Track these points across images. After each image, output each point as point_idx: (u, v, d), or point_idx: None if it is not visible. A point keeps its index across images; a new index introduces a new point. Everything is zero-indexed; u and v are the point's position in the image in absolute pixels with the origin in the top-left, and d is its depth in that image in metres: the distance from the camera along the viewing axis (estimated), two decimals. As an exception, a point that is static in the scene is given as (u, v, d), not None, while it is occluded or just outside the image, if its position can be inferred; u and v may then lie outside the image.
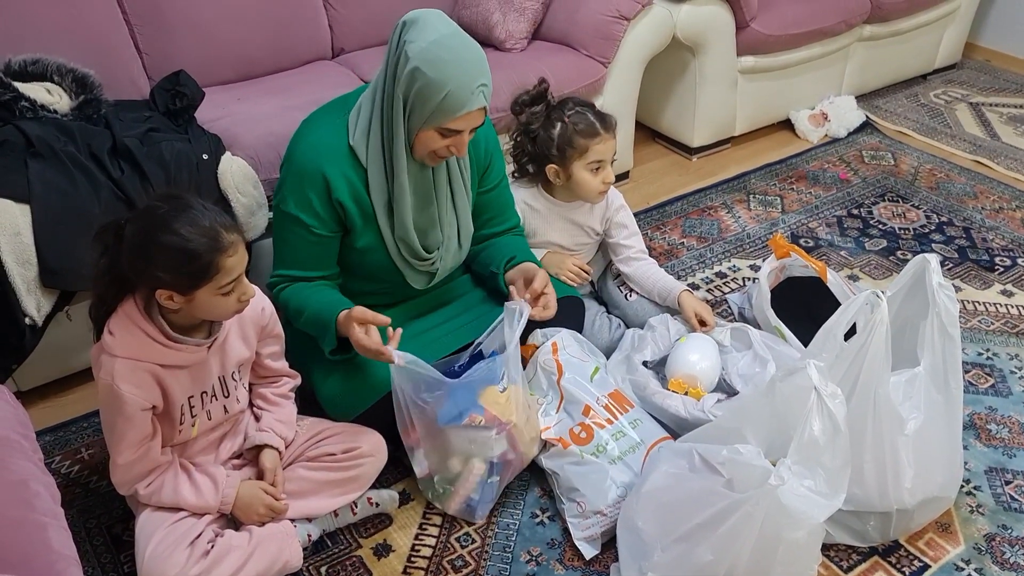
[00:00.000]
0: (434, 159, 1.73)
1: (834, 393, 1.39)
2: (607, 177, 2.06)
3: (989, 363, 2.19)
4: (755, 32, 2.96)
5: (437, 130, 1.65)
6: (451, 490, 1.77)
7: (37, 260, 1.85)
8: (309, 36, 2.67)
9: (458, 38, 1.62)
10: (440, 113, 1.62)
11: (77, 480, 1.89)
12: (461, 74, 1.59)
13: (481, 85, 1.62)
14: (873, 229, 2.76)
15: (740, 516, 1.40)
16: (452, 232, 1.87)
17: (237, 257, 1.44)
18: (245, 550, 1.58)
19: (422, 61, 1.58)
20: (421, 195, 1.79)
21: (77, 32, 2.25)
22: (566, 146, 2.02)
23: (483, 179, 1.93)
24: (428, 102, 1.61)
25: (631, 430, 1.81)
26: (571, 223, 2.17)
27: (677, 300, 2.09)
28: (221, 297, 1.45)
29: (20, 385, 2.05)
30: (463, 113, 1.62)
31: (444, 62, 1.58)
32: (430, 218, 1.83)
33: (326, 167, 1.70)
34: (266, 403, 1.76)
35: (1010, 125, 3.41)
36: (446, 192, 1.83)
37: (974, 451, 1.93)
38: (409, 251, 1.82)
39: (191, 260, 1.39)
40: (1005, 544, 1.73)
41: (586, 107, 2.06)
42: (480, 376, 1.71)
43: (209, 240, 1.40)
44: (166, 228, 1.39)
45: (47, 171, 1.88)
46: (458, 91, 1.59)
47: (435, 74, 1.58)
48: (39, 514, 1.21)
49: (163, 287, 1.41)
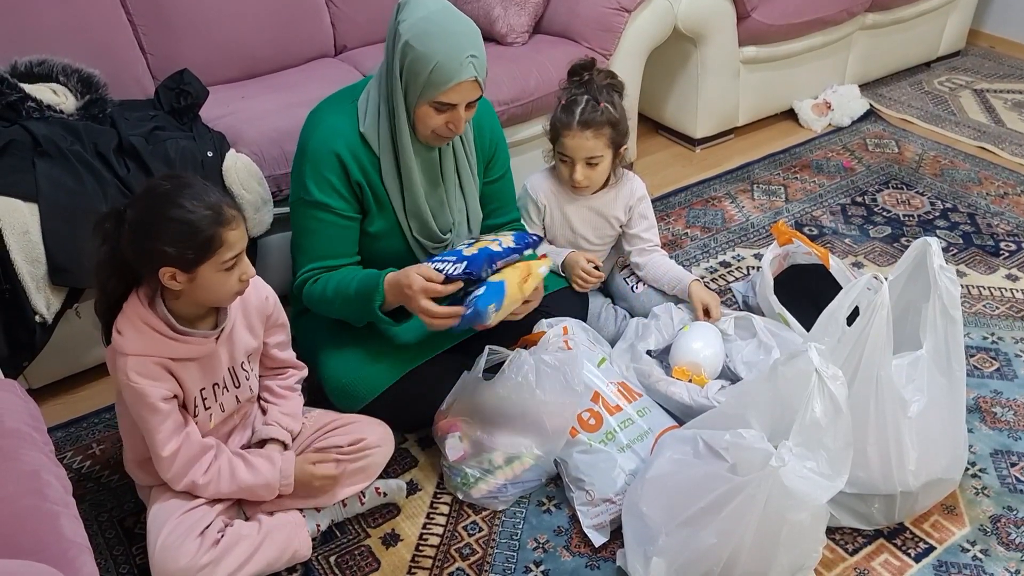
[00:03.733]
0: (437, 139, 1.75)
1: (835, 375, 1.40)
2: (575, 173, 2.02)
3: (994, 347, 2.19)
4: (756, 22, 2.96)
5: (431, 105, 1.68)
6: (481, 478, 1.78)
7: (46, 258, 1.86)
8: (312, 34, 2.69)
9: (447, 12, 1.66)
10: (431, 86, 1.65)
11: (89, 475, 1.91)
12: (449, 46, 1.62)
13: (470, 56, 1.64)
14: (877, 216, 2.76)
15: (743, 499, 1.41)
16: (462, 217, 1.90)
17: (239, 232, 1.46)
18: (255, 540, 1.59)
19: (411, 36, 1.63)
20: (429, 178, 1.82)
21: (82, 33, 2.27)
22: (552, 127, 2.03)
23: (488, 169, 1.95)
24: (419, 76, 1.64)
25: (639, 418, 1.82)
26: (595, 213, 2.15)
27: (687, 289, 2.10)
28: (223, 274, 1.47)
29: (31, 383, 2.07)
30: (453, 84, 1.64)
31: (431, 35, 1.62)
32: (439, 200, 1.85)
33: (341, 151, 1.73)
34: (272, 396, 1.78)
35: (1015, 111, 3.40)
36: (453, 177, 1.86)
37: (979, 434, 1.94)
38: (423, 232, 1.84)
39: (195, 233, 1.41)
40: (1011, 525, 1.73)
41: (599, 92, 1.98)
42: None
43: (213, 213, 1.42)
44: (170, 202, 1.41)
45: (54, 170, 1.90)
46: (447, 62, 1.62)
47: (423, 47, 1.62)
48: (51, 503, 1.23)
49: (167, 264, 1.42)
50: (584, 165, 2.01)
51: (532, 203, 2.13)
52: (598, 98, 1.98)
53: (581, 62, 2.04)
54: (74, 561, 1.17)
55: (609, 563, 1.68)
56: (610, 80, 2.03)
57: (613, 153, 2.04)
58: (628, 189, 2.15)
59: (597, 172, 2.04)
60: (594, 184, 2.08)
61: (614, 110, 1.99)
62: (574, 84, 2.03)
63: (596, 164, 2.02)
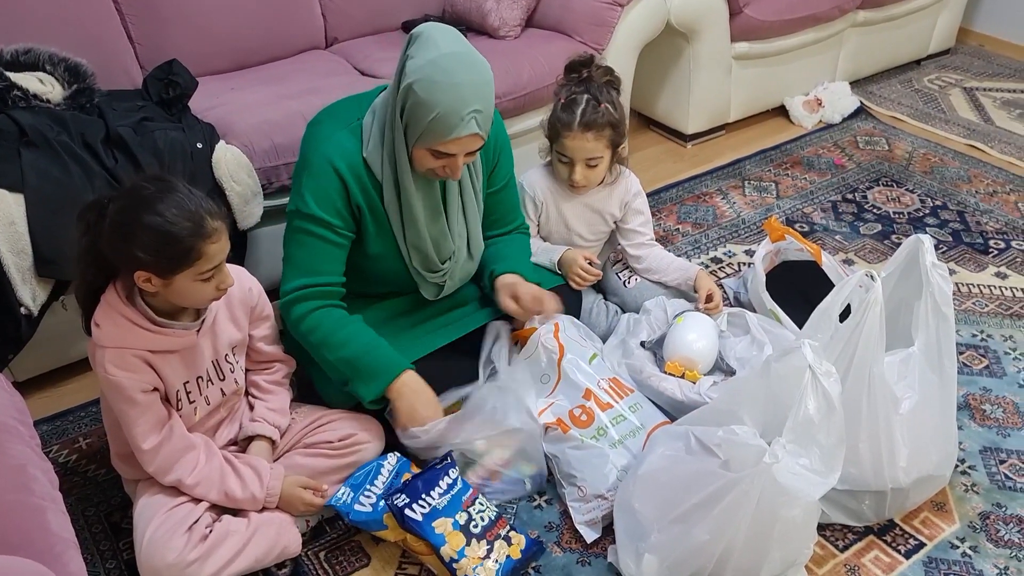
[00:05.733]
0: (434, 176, 1.70)
1: (828, 371, 1.39)
2: (575, 174, 2.00)
3: (983, 345, 2.20)
4: (748, 18, 2.96)
5: (428, 150, 1.62)
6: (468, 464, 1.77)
7: (32, 250, 1.84)
8: (302, 25, 2.66)
9: (457, 59, 1.56)
10: (429, 134, 1.58)
11: (75, 469, 1.89)
12: (452, 99, 1.54)
13: (474, 111, 1.56)
14: (868, 214, 2.77)
15: (736, 495, 1.40)
16: (462, 243, 1.85)
17: (220, 245, 1.43)
18: (243, 535, 1.58)
19: (416, 79, 1.56)
20: (431, 207, 1.76)
21: (69, 22, 2.24)
22: (551, 127, 2.00)
23: (491, 177, 1.89)
24: (419, 122, 1.58)
25: (631, 414, 1.82)
26: (590, 210, 2.14)
27: (696, 277, 2.10)
28: (200, 283, 1.45)
29: (17, 376, 2.04)
30: (451, 138, 1.58)
31: (436, 84, 1.54)
32: (440, 229, 1.79)
33: (344, 171, 1.67)
34: (259, 391, 1.76)
35: (1004, 109, 3.41)
36: (456, 202, 1.80)
37: (969, 431, 1.94)
38: (423, 264, 1.80)
39: (173, 244, 1.38)
40: (999, 522, 1.74)
41: (599, 91, 1.95)
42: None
43: (193, 225, 1.39)
44: (150, 209, 1.38)
45: (41, 161, 1.87)
46: (447, 115, 1.55)
47: (425, 95, 1.55)
48: (37, 498, 1.21)
49: (142, 268, 1.40)
50: (584, 166, 1.99)
51: (530, 200, 2.11)
52: (599, 98, 1.94)
53: (580, 58, 2.00)
54: (61, 556, 1.15)
55: (600, 559, 1.68)
56: (609, 77, 2.00)
57: (612, 153, 2.03)
58: (623, 186, 2.14)
59: (596, 172, 2.03)
60: (592, 184, 2.06)
61: (614, 110, 1.97)
62: (572, 81, 2.00)
63: (596, 165, 2.01)
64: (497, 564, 1.59)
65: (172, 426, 1.55)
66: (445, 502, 1.62)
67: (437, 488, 1.63)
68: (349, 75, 2.52)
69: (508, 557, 1.61)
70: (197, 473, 1.57)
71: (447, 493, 1.64)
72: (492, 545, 1.61)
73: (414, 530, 1.58)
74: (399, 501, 1.58)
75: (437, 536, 1.57)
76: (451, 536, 1.58)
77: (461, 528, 1.60)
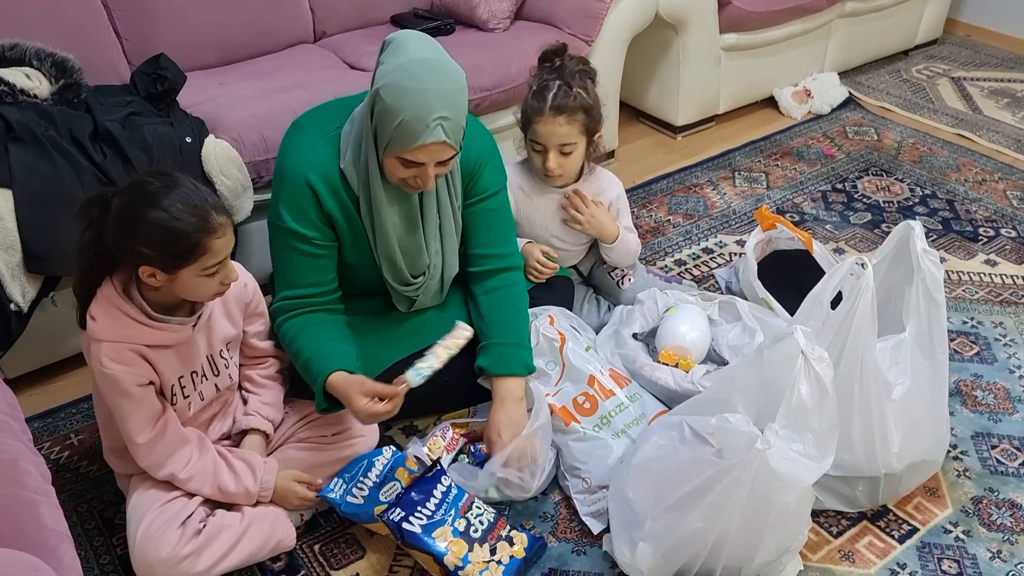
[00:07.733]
0: (406, 187, 1.65)
1: (821, 356, 1.40)
2: (548, 161, 1.94)
3: (974, 331, 2.21)
4: (737, 9, 2.96)
5: (398, 159, 1.58)
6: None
7: (21, 246, 1.83)
8: (290, 19, 2.66)
9: (425, 65, 1.52)
10: (396, 142, 1.55)
11: (67, 465, 1.88)
12: (417, 105, 1.50)
13: (440, 118, 1.52)
14: (858, 203, 2.78)
15: (729, 482, 1.41)
16: (438, 260, 1.81)
17: (224, 240, 1.43)
18: (237, 529, 1.58)
19: (383, 85, 1.53)
20: (407, 220, 1.74)
21: (56, 17, 2.23)
22: (523, 114, 1.94)
23: (469, 189, 1.80)
24: (385, 128, 1.55)
25: (631, 404, 1.82)
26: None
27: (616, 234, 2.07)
28: (204, 278, 1.44)
29: (7, 373, 2.03)
30: (417, 145, 1.53)
31: (402, 89, 1.51)
32: (416, 244, 1.77)
33: (315, 182, 1.65)
34: (253, 385, 1.76)
35: (991, 99, 3.43)
36: (434, 219, 1.76)
37: (960, 417, 1.95)
38: (395, 276, 1.78)
39: (178, 239, 1.38)
40: (992, 507, 1.75)
41: (571, 78, 1.90)
42: None
43: (198, 220, 1.39)
44: (155, 204, 1.37)
45: (28, 156, 1.86)
46: (412, 122, 1.51)
47: (391, 100, 1.51)
48: (30, 491, 1.21)
49: (147, 263, 1.40)
50: (557, 153, 1.93)
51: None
52: (570, 83, 1.89)
53: (552, 47, 1.96)
54: (55, 550, 1.15)
55: (596, 548, 1.68)
56: (582, 66, 1.96)
57: (587, 141, 1.97)
58: (598, 188, 2.08)
59: (571, 161, 1.96)
60: (567, 174, 2.00)
61: (587, 95, 1.91)
62: (545, 70, 1.95)
63: (570, 152, 1.94)
64: (502, 566, 1.58)
65: (166, 420, 1.54)
66: (442, 511, 1.61)
67: (432, 498, 1.62)
68: (337, 69, 2.51)
69: (512, 558, 1.60)
70: (191, 468, 1.56)
71: (443, 501, 1.63)
72: (495, 548, 1.60)
73: (414, 543, 1.56)
74: (395, 515, 1.57)
75: (438, 547, 1.55)
76: (453, 544, 1.57)
77: (462, 535, 1.59)
